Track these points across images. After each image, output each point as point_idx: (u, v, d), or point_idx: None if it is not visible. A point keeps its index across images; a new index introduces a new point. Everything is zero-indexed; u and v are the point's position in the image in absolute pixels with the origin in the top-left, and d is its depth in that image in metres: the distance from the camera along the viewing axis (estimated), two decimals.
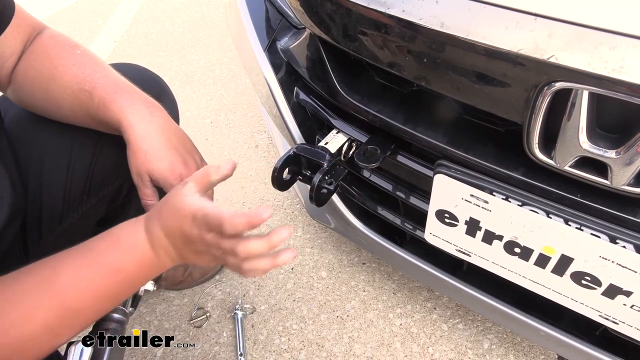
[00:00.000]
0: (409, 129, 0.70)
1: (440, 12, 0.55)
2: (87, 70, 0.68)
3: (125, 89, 0.68)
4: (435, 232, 0.76)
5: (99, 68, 0.70)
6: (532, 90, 0.52)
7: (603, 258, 0.58)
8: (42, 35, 0.71)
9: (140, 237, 0.56)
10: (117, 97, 0.66)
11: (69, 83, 0.67)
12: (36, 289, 0.51)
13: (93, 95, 0.66)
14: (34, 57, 0.69)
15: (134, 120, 0.65)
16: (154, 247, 0.56)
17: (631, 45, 0.45)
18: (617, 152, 0.50)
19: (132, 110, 0.66)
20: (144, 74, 0.86)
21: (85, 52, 0.71)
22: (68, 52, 0.70)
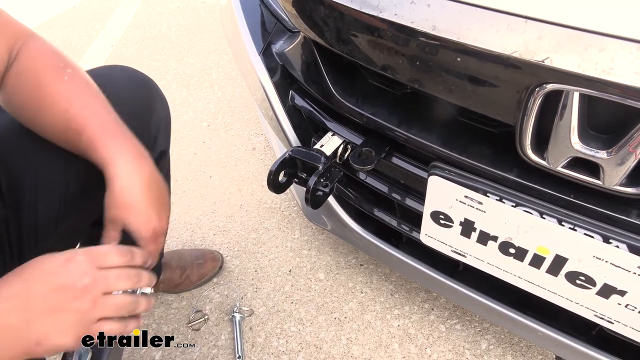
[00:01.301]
0: (403, 131, 0.70)
1: (432, 16, 0.56)
2: (75, 106, 0.65)
3: (115, 133, 0.66)
4: (430, 234, 0.77)
5: (89, 101, 0.67)
6: (524, 92, 0.52)
7: (597, 258, 0.58)
8: (29, 48, 0.67)
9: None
10: (107, 141, 0.64)
11: (56, 118, 0.64)
12: None
13: (81, 134, 0.64)
14: (22, 78, 0.65)
15: (121, 171, 0.64)
16: None
17: (620, 47, 0.45)
18: (609, 153, 0.51)
19: (120, 160, 0.64)
20: (133, 75, 0.85)
21: (75, 76, 0.68)
22: (57, 79, 0.66)
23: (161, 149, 0.88)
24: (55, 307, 0.51)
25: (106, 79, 0.81)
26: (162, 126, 0.88)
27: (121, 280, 0.57)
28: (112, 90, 0.80)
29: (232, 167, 1.75)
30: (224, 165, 1.76)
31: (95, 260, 0.55)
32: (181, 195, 1.64)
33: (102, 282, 0.55)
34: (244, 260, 1.40)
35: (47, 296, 0.51)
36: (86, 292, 0.53)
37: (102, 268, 0.56)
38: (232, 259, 1.40)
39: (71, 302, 0.52)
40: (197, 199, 1.62)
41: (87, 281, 0.53)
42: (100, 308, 0.54)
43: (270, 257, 1.40)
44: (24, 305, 0.50)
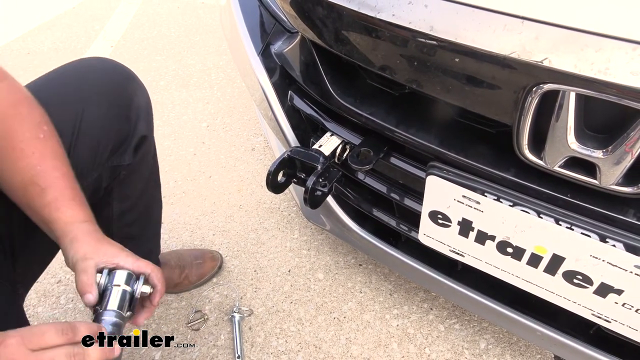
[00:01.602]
0: (402, 131, 0.71)
1: (429, 16, 0.56)
2: (45, 165, 0.66)
3: (79, 204, 0.67)
4: (429, 233, 0.77)
5: (58, 165, 0.68)
6: (521, 92, 0.52)
7: (594, 257, 0.59)
8: (3, 91, 0.67)
9: None
10: (69, 210, 0.66)
11: (23, 170, 0.65)
12: None
13: (46, 192, 0.65)
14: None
15: (79, 236, 0.65)
16: None
17: (616, 47, 0.45)
18: (605, 152, 0.51)
19: (79, 227, 0.65)
20: (109, 65, 0.86)
21: (49, 135, 0.69)
22: (31, 134, 0.66)
23: (142, 134, 0.88)
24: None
25: (84, 71, 0.83)
26: (143, 112, 0.88)
27: (94, 351, 0.55)
28: (90, 80, 0.81)
29: (231, 168, 1.75)
30: (223, 166, 1.76)
31: (29, 342, 0.52)
32: (181, 196, 1.64)
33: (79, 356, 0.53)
34: (243, 261, 1.40)
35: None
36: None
37: (37, 349, 0.52)
38: (232, 259, 1.41)
39: None
40: (196, 199, 1.62)
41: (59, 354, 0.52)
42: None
43: (270, 257, 1.40)
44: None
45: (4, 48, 2.70)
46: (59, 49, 2.68)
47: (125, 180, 0.90)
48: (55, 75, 0.82)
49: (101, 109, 0.80)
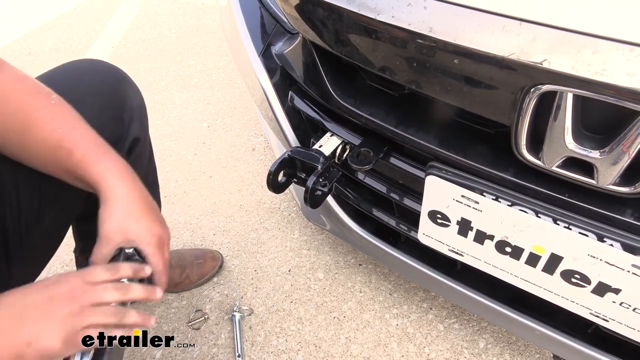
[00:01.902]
0: (401, 131, 0.71)
1: (428, 18, 0.57)
2: (65, 126, 0.67)
3: (106, 154, 0.69)
4: (428, 233, 0.78)
5: (76, 123, 0.69)
6: (519, 93, 0.53)
7: (591, 256, 0.59)
8: (7, 78, 0.68)
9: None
10: (99, 160, 0.67)
11: (45, 139, 0.66)
12: None
13: (72, 154, 0.66)
14: (4, 102, 0.66)
15: (116, 187, 0.67)
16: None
17: (612, 49, 0.46)
18: (602, 153, 0.52)
19: (113, 177, 0.67)
20: (102, 67, 0.87)
21: (60, 102, 0.70)
22: (43, 103, 0.68)
23: (134, 136, 0.89)
24: (46, 315, 0.56)
25: (77, 73, 0.83)
26: (136, 114, 0.89)
27: (108, 292, 0.61)
28: (83, 82, 0.82)
29: (232, 168, 1.76)
30: (223, 166, 1.77)
31: (83, 277, 0.60)
32: (181, 196, 1.65)
33: (89, 294, 0.59)
34: (243, 260, 1.41)
35: (39, 305, 0.56)
36: (71, 302, 0.58)
37: (91, 283, 0.60)
38: (232, 259, 1.41)
39: (60, 310, 0.57)
40: (197, 199, 1.63)
41: (75, 293, 0.58)
42: (86, 316, 0.58)
43: (270, 257, 1.41)
44: (18, 312, 0.56)
45: (5, 48, 2.71)
46: (60, 50, 2.69)
47: None
48: (47, 77, 0.82)
49: (94, 111, 0.80)
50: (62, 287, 0.59)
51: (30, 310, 0.56)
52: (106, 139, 0.83)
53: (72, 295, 0.58)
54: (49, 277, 0.61)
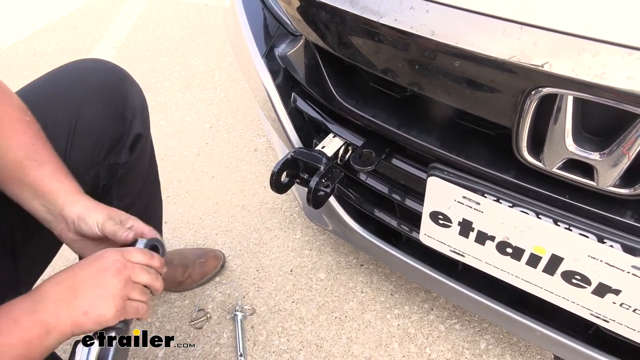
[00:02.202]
0: (403, 132, 0.72)
1: (430, 21, 0.57)
2: (37, 143, 0.70)
3: (73, 179, 0.72)
4: (429, 233, 0.78)
5: (47, 145, 0.71)
6: (520, 95, 0.54)
7: (592, 257, 0.60)
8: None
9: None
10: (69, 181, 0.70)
11: (14, 147, 0.68)
12: None
13: (43, 166, 0.69)
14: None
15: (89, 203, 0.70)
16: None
17: (612, 52, 0.46)
18: (602, 155, 0.52)
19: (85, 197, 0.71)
20: (103, 65, 0.89)
21: (33, 121, 0.72)
22: (18, 116, 0.70)
23: (137, 132, 0.90)
24: (97, 284, 0.61)
25: (79, 72, 0.85)
26: (138, 111, 0.90)
27: (143, 273, 0.66)
28: (86, 81, 0.83)
29: (234, 168, 1.77)
30: (226, 166, 1.78)
31: (123, 254, 0.66)
32: (184, 196, 1.65)
33: (130, 270, 0.65)
34: (245, 260, 1.41)
35: (90, 277, 0.62)
36: (119, 274, 0.63)
37: (130, 261, 0.66)
38: (234, 259, 1.42)
39: (109, 280, 0.62)
40: (199, 199, 1.64)
41: (120, 265, 0.64)
42: (130, 288, 0.64)
43: (272, 257, 1.42)
44: (72, 285, 0.60)
45: (9, 49, 2.72)
46: (64, 50, 2.70)
47: (123, 179, 0.92)
48: (51, 77, 0.84)
49: (97, 109, 0.82)
50: (107, 261, 0.63)
51: (83, 282, 0.61)
52: (109, 136, 0.84)
53: (118, 268, 0.63)
54: (87, 257, 0.65)
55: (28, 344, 0.55)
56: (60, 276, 0.62)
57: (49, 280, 0.61)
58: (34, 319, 0.56)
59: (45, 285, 0.60)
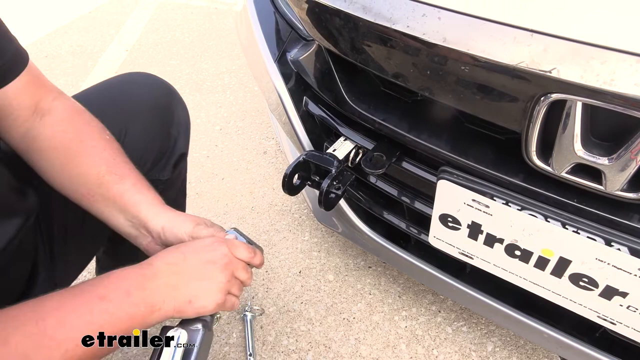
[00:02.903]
0: (414, 136, 0.73)
1: (442, 28, 0.59)
2: (118, 159, 0.72)
3: (155, 191, 0.74)
4: (439, 236, 0.79)
5: (127, 160, 0.74)
6: (529, 101, 0.55)
7: (599, 260, 0.61)
8: (66, 103, 0.73)
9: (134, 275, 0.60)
10: (150, 193, 0.72)
11: (97, 164, 0.70)
12: (20, 316, 0.51)
13: (125, 180, 0.71)
14: (61, 128, 0.70)
15: (172, 214, 0.72)
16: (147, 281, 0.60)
17: (620, 60, 0.48)
18: (610, 159, 0.53)
19: (167, 208, 0.72)
20: (154, 81, 0.90)
21: (112, 139, 0.75)
22: (99, 135, 0.73)
23: (181, 152, 0.93)
24: (204, 276, 0.63)
25: (130, 86, 0.86)
26: (182, 130, 0.93)
27: (244, 271, 0.68)
28: (136, 96, 0.85)
29: (243, 170, 1.79)
30: (235, 168, 1.80)
31: (231, 248, 0.67)
32: (194, 197, 1.68)
33: (235, 265, 0.67)
34: None
35: (199, 266, 0.63)
36: (226, 269, 0.65)
37: (235, 257, 0.68)
38: None
39: (217, 273, 0.64)
40: (209, 201, 1.66)
41: (227, 260, 0.65)
42: (232, 284, 0.66)
43: (281, 258, 1.43)
44: (182, 270, 0.62)
45: None
46: (75, 53, 2.74)
47: (162, 194, 0.94)
48: (102, 88, 0.86)
49: (144, 125, 0.85)
50: (217, 253, 0.65)
51: (191, 270, 0.62)
52: (154, 152, 0.86)
53: (226, 263, 0.65)
54: (197, 241, 0.68)
55: (132, 319, 0.57)
56: (171, 256, 0.63)
57: (160, 258, 0.63)
58: (144, 296, 0.58)
59: (157, 263, 0.62)
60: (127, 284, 0.58)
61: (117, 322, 0.55)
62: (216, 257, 0.65)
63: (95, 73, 2.52)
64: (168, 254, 0.64)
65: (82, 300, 0.54)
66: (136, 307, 0.57)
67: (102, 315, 0.54)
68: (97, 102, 0.82)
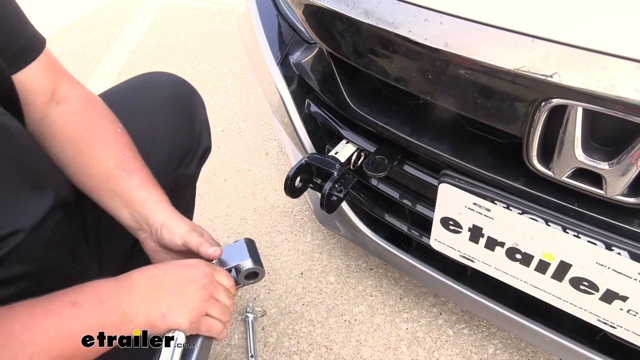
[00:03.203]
0: (415, 140, 0.74)
1: (444, 33, 0.59)
2: (128, 154, 0.73)
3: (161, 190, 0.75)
4: (440, 239, 0.80)
5: (137, 156, 0.74)
6: (530, 106, 0.55)
7: (599, 264, 0.61)
8: (82, 93, 0.75)
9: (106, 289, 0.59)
10: (157, 191, 0.73)
11: (106, 157, 0.71)
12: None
13: (132, 176, 0.71)
14: (75, 118, 0.72)
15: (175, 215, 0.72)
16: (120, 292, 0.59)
17: (621, 66, 0.48)
18: (611, 164, 0.54)
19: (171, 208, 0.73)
20: (175, 80, 0.93)
21: (124, 132, 0.75)
22: (110, 127, 0.74)
23: (206, 145, 0.96)
24: (182, 293, 0.63)
25: (153, 86, 0.89)
26: (204, 125, 0.96)
27: (223, 295, 0.67)
28: (161, 95, 0.87)
29: (245, 172, 1.79)
30: (238, 170, 1.80)
31: (213, 271, 0.67)
32: (196, 198, 1.68)
33: (214, 288, 0.66)
34: None
35: (177, 283, 0.63)
36: (204, 288, 0.64)
37: (216, 280, 0.68)
38: None
39: (194, 292, 0.63)
40: (211, 202, 1.66)
41: (207, 280, 0.65)
42: (210, 305, 0.65)
43: (283, 260, 1.44)
44: (159, 285, 0.62)
45: None
46: (78, 53, 2.76)
47: (184, 188, 0.96)
48: (127, 88, 0.88)
49: (172, 121, 0.87)
50: (198, 272, 0.65)
51: (169, 286, 0.62)
52: (181, 148, 0.89)
53: (205, 283, 0.65)
54: (181, 260, 0.68)
55: (102, 327, 0.56)
56: (152, 271, 0.64)
57: (141, 272, 0.63)
58: (116, 306, 0.58)
59: (136, 276, 0.62)
60: (102, 292, 0.58)
61: (88, 328, 0.54)
62: (196, 276, 0.65)
63: (98, 74, 2.53)
64: (149, 269, 0.64)
65: (52, 305, 0.54)
66: (108, 315, 0.56)
67: (72, 320, 0.53)
68: (125, 102, 0.84)
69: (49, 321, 0.52)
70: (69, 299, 0.55)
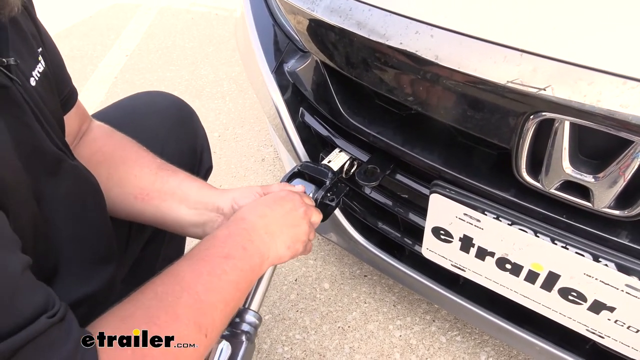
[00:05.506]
0: (407, 150, 0.74)
1: (434, 46, 0.60)
2: (161, 160, 0.77)
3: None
4: (431, 248, 0.80)
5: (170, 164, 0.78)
6: (519, 119, 0.56)
7: (587, 275, 0.62)
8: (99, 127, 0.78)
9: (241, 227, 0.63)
10: (198, 181, 0.76)
11: (147, 163, 0.75)
12: (170, 292, 0.52)
13: (177, 172, 0.75)
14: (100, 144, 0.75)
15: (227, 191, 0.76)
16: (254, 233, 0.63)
17: (607, 81, 0.49)
18: (597, 177, 0.54)
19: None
20: (172, 100, 0.94)
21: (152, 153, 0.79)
22: (136, 144, 0.78)
23: (207, 165, 0.98)
24: (293, 223, 0.68)
25: (150, 108, 0.90)
26: (205, 145, 0.97)
27: (316, 214, 0.74)
28: (159, 116, 0.89)
29: (241, 177, 1.80)
30: (233, 175, 1.81)
31: (301, 197, 0.73)
32: None
33: (310, 212, 0.72)
34: None
35: (285, 215, 0.68)
36: (306, 215, 0.70)
37: (307, 204, 0.73)
38: None
39: (300, 220, 0.69)
40: None
41: (304, 208, 0.71)
42: (312, 229, 0.72)
43: (277, 266, 1.44)
44: (273, 221, 0.66)
45: None
46: (75, 57, 2.76)
47: None
48: (127, 109, 0.89)
49: (178, 143, 0.89)
50: (295, 202, 0.70)
51: (282, 219, 0.67)
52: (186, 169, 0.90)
53: (305, 210, 0.70)
54: (271, 194, 0.72)
55: (252, 271, 0.60)
56: (258, 209, 0.67)
57: (249, 213, 0.66)
58: (255, 248, 0.61)
59: (249, 217, 0.65)
60: (239, 239, 0.61)
61: (246, 275, 0.59)
62: (295, 205, 0.69)
63: (94, 78, 2.54)
64: (253, 208, 0.67)
65: (212, 263, 0.57)
66: (252, 259, 0.60)
67: (235, 272, 0.57)
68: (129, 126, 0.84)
69: (220, 278, 0.56)
70: (219, 253, 0.58)
